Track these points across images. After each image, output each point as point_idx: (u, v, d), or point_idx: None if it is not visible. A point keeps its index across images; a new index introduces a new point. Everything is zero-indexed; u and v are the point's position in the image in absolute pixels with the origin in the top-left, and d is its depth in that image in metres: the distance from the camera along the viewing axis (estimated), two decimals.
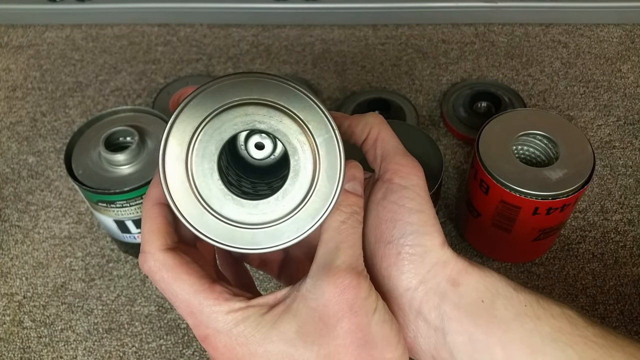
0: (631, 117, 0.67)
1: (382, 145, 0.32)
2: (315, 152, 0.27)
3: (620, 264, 0.55)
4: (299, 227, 0.27)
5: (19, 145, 0.68)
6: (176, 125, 0.27)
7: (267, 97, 0.27)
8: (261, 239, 0.27)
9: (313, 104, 0.27)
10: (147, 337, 0.53)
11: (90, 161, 0.50)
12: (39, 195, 0.63)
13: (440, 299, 0.29)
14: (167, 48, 0.78)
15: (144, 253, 0.28)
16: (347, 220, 0.29)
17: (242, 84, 0.27)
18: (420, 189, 0.30)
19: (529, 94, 0.70)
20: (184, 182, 0.27)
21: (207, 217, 0.27)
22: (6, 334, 0.53)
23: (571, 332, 0.29)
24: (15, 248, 0.59)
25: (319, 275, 0.27)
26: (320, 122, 0.27)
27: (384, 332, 0.28)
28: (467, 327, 0.29)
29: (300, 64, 0.75)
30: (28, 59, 0.78)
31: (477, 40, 0.77)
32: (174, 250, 0.28)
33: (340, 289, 0.26)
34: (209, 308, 0.27)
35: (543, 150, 0.50)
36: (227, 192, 0.27)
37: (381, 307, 0.28)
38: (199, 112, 0.26)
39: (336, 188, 0.27)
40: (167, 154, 0.27)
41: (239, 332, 0.27)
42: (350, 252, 0.28)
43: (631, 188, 0.61)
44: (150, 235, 0.28)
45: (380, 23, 0.80)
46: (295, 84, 0.27)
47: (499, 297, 0.29)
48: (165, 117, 0.53)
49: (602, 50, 0.75)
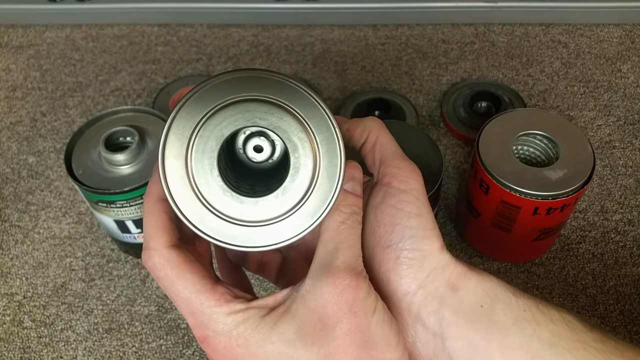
0: (631, 117, 0.67)
1: (380, 149, 0.31)
2: (316, 150, 0.27)
3: (620, 264, 0.55)
4: (298, 225, 0.27)
5: (19, 145, 0.68)
6: (176, 121, 0.26)
7: (268, 94, 0.27)
8: (260, 237, 0.27)
9: (314, 101, 0.27)
10: (147, 337, 0.53)
11: (90, 161, 0.50)
12: (39, 195, 0.63)
13: (439, 304, 0.29)
14: (167, 48, 0.78)
15: (148, 249, 0.28)
16: (347, 220, 0.29)
17: (242, 81, 0.27)
18: (419, 193, 0.30)
19: (529, 94, 0.70)
20: (183, 178, 0.27)
21: (205, 214, 0.27)
22: (6, 334, 0.53)
23: (570, 337, 0.29)
24: (15, 248, 0.59)
25: (318, 276, 0.27)
26: (321, 120, 0.27)
27: (383, 332, 0.27)
28: (466, 333, 0.29)
29: (300, 64, 0.75)
30: (28, 59, 0.78)
31: (477, 40, 0.77)
32: (179, 248, 0.28)
33: (339, 289, 0.26)
34: (210, 309, 0.27)
35: (543, 150, 0.50)
36: (227, 188, 0.27)
37: (380, 307, 0.28)
38: (199, 108, 0.26)
39: (336, 186, 0.27)
40: (167, 150, 0.26)
41: (238, 334, 0.26)
42: (349, 253, 0.28)
43: (631, 188, 0.61)
44: (155, 232, 0.28)
45: (380, 23, 0.80)
46: (296, 81, 0.27)
47: (498, 301, 0.29)
48: (165, 117, 0.53)
49: (602, 50, 0.75)
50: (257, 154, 0.30)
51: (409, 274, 0.30)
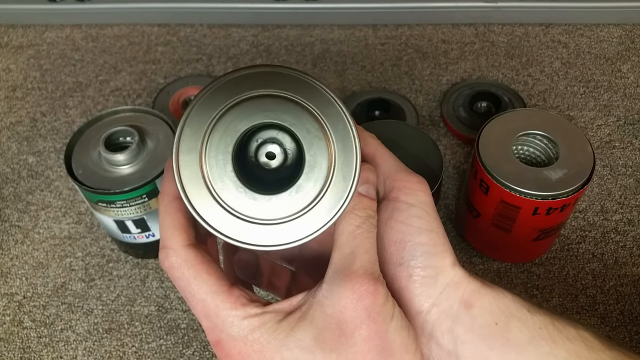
0: (631, 117, 0.67)
1: (382, 164, 0.31)
2: (332, 148, 0.26)
3: (620, 264, 0.55)
4: (312, 225, 0.27)
5: (19, 145, 0.68)
6: (191, 116, 0.26)
7: (285, 91, 0.26)
8: (272, 235, 0.27)
9: (331, 98, 0.26)
10: (147, 337, 0.53)
11: (90, 161, 0.50)
12: (39, 195, 0.63)
13: (452, 322, 0.29)
14: (167, 48, 0.78)
15: (165, 249, 0.27)
16: (362, 224, 0.28)
17: (259, 77, 0.26)
18: (428, 206, 0.30)
19: (529, 94, 0.70)
20: (196, 174, 0.26)
21: (218, 210, 0.26)
22: (6, 334, 0.53)
23: (588, 356, 0.28)
24: (15, 248, 0.59)
25: (335, 281, 0.27)
26: (337, 117, 0.26)
27: (402, 339, 0.27)
28: (481, 351, 0.28)
29: (300, 64, 0.75)
30: (28, 59, 0.78)
31: (477, 40, 0.77)
32: (196, 247, 0.27)
33: (357, 295, 0.26)
34: (226, 312, 0.26)
35: (543, 150, 0.50)
36: (240, 184, 0.26)
37: (398, 313, 0.27)
38: (215, 103, 0.26)
39: (351, 186, 0.27)
40: (182, 144, 0.26)
41: (255, 339, 0.26)
42: (366, 257, 0.27)
43: (631, 188, 0.61)
44: (172, 231, 0.27)
45: (380, 23, 0.80)
46: (314, 78, 0.26)
47: (514, 319, 0.29)
48: (165, 117, 0.53)
49: (602, 50, 0.75)
50: (270, 161, 0.29)
51: (422, 292, 0.29)
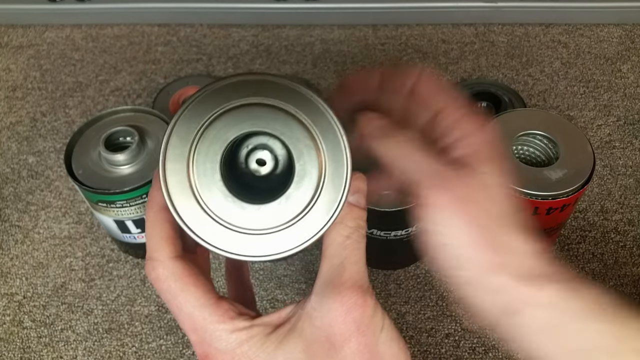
0: (631, 117, 0.67)
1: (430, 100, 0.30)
2: (322, 157, 0.26)
3: (620, 264, 0.55)
4: (301, 235, 0.26)
5: (19, 145, 0.68)
6: (179, 123, 0.26)
7: (275, 99, 0.26)
8: (261, 246, 0.26)
9: (321, 107, 0.26)
10: (147, 337, 0.53)
11: (90, 161, 0.50)
12: (39, 195, 0.63)
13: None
14: (167, 48, 0.78)
15: (152, 260, 0.27)
16: (352, 235, 0.28)
17: (248, 85, 0.26)
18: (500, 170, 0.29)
19: (529, 94, 0.70)
20: (183, 182, 0.26)
21: (206, 220, 0.26)
22: (6, 334, 0.53)
23: None
24: (15, 248, 0.59)
25: (324, 292, 0.26)
26: (327, 127, 0.26)
27: (392, 350, 0.27)
28: None
29: (300, 64, 0.75)
30: (28, 59, 0.78)
31: (477, 40, 0.77)
32: (183, 259, 0.27)
33: (346, 307, 0.26)
34: (213, 325, 0.26)
35: (543, 150, 0.50)
36: (229, 194, 0.26)
37: (388, 325, 0.27)
38: (203, 110, 0.26)
39: (341, 196, 0.26)
40: (169, 152, 0.26)
41: (242, 352, 0.26)
42: (355, 269, 0.27)
43: (631, 188, 0.61)
44: (160, 242, 0.27)
45: (380, 23, 0.80)
46: (303, 86, 0.26)
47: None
48: (165, 117, 0.53)
49: (602, 50, 0.75)
50: (260, 167, 0.29)
51: None
